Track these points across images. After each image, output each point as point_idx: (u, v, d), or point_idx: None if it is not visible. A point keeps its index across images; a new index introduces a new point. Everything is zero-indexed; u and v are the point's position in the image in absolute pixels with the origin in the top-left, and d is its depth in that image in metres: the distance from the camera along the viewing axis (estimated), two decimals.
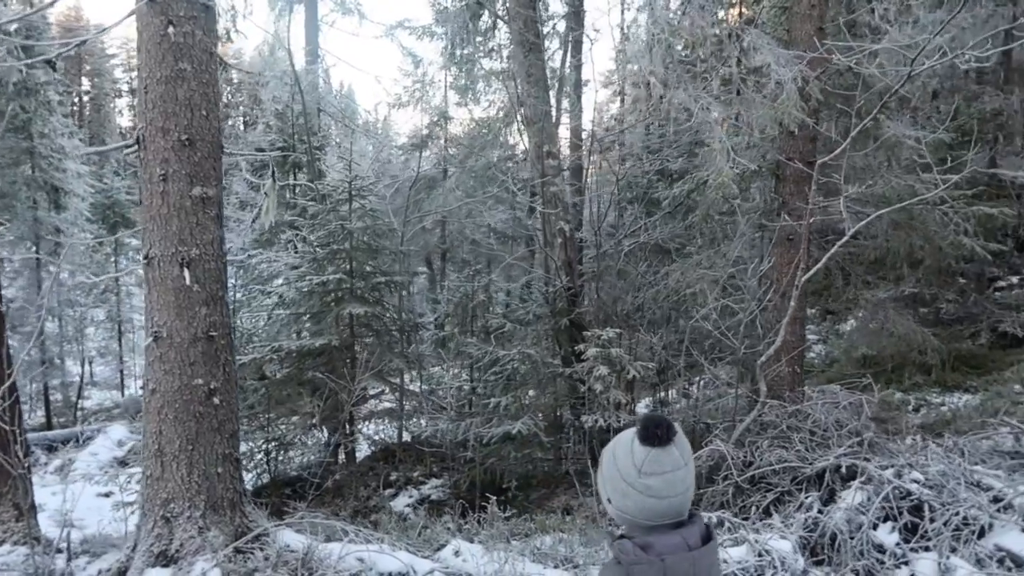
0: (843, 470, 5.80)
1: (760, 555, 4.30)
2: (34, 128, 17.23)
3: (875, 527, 5.01)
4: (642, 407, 11.67)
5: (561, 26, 13.09)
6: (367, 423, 11.24)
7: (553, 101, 11.00)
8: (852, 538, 4.80)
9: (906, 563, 4.72)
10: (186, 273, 4.73)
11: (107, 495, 9.31)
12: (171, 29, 4.75)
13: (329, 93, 21.80)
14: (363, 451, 11.29)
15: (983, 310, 11.78)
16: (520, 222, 14.99)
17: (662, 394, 11.62)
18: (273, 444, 9.84)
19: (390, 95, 17.43)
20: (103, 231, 20.52)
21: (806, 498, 5.58)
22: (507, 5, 10.06)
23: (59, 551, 5.77)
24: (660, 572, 1.72)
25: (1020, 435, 6.55)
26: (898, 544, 4.88)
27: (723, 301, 7.87)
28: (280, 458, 9.98)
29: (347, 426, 9.94)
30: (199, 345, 4.78)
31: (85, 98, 50.69)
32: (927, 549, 4.79)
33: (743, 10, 12.83)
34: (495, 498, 6.36)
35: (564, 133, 12.56)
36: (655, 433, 1.76)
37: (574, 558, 5.30)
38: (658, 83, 6.71)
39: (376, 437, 11.32)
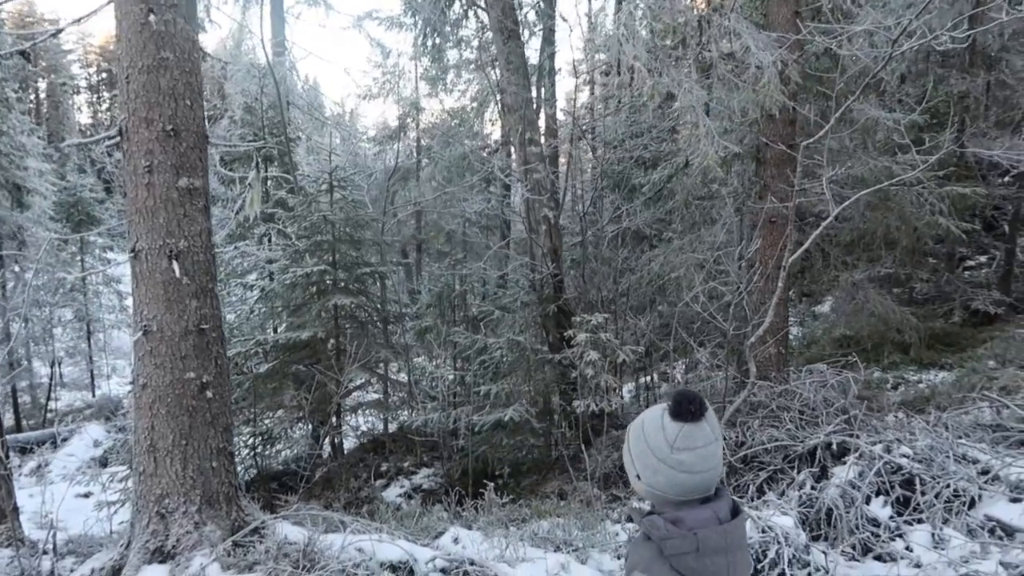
0: (833, 447, 5.90)
1: (764, 531, 4.34)
2: None
3: (868, 501, 5.09)
4: (626, 391, 11.75)
5: (531, 15, 13.07)
6: (354, 414, 11.18)
7: (534, 89, 10.97)
8: (847, 512, 4.87)
9: (900, 535, 4.80)
10: (175, 265, 4.62)
11: (87, 495, 9.14)
12: (152, 17, 4.62)
13: (296, 86, 21.54)
14: (351, 443, 11.23)
15: (955, 289, 12.02)
16: (495, 211, 14.95)
17: (646, 378, 11.70)
18: (259, 438, 9.72)
19: (359, 87, 17.32)
20: (67, 229, 20.09)
21: (799, 475, 5.66)
22: None
23: (44, 552, 5.65)
24: (693, 546, 1.71)
25: (1000, 408, 6.70)
26: (891, 517, 4.97)
27: (710, 284, 7.93)
28: (266, 452, 9.87)
29: (335, 418, 9.85)
30: (190, 338, 4.68)
31: (42, 95, 49.43)
32: (920, 521, 4.89)
33: None
34: (491, 485, 6.35)
35: (540, 121, 12.54)
36: (688, 408, 1.75)
37: (573, 541, 5.32)
38: (643, 68, 6.70)
39: (364, 428, 11.25)
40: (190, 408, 4.67)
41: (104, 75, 55.55)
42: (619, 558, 5.00)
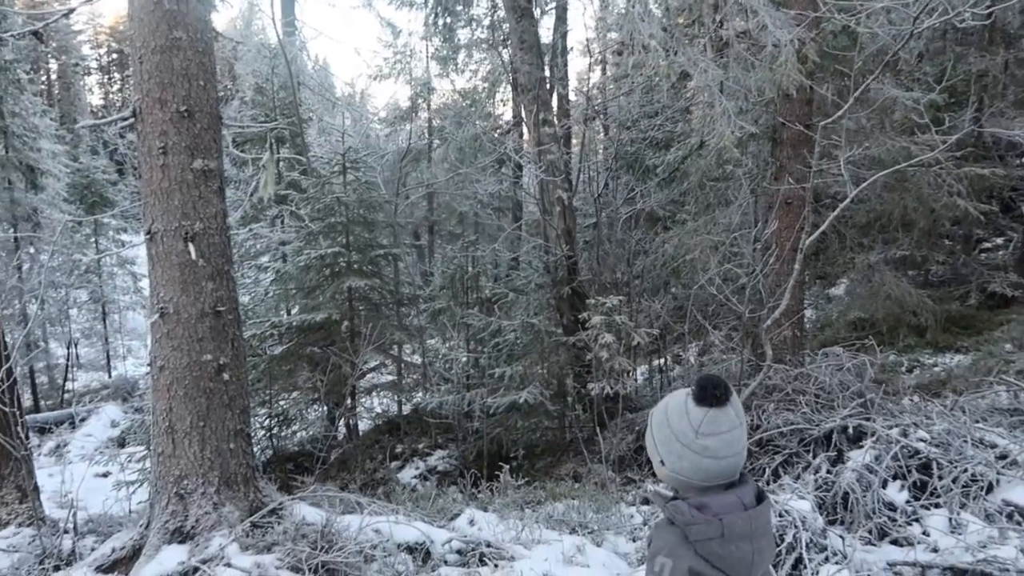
0: (849, 431, 5.87)
1: (780, 515, 4.33)
2: (5, 107, 16.81)
3: (885, 486, 5.07)
4: (640, 374, 11.75)
5: None
6: (369, 396, 11.24)
7: (547, 69, 10.88)
8: (864, 497, 4.85)
9: (917, 520, 4.79)
10: (191, 248, 4.63)
11: (105, 475, 9.22)
12: None
13: (307, 66, 21.42)
14: (365, 424, 11.29)
15: (972, 271, 11.92)
16: (508, 192, 14.89)
17: (660, 361, 11.68)
18: (275, 420, 9.80)
19: (370, 67, 17.14)
20: (81, 211, 20.17)
21: (815, 459, 5.64)
22: None
23: (65, 532, 5.73)
24: (718, 531, 1.70)
25: (1018, 392, 6.66)
26: (908, 502, 4.95)
27: (726, 266, 7.88)
28: (282, 434, 9.95)
29: (350, 400, 9.91)
30: (207, 320, 4.69)
31: (53, 76, 49.44)
32: (937, 506, 4.87)
33: None
34: (506, 467, 6.37)
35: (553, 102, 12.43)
36: (713, 393, 1.73)
37: (588, 523, 5.34)
38: (657, 47, 6.61)
39: (379, 410, 11.31)
40: (207, 390, 4.69)
41: (115, 56, 55.51)
42: (634, 540, 5.02)
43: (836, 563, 4.05)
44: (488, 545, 4.62)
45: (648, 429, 1.89)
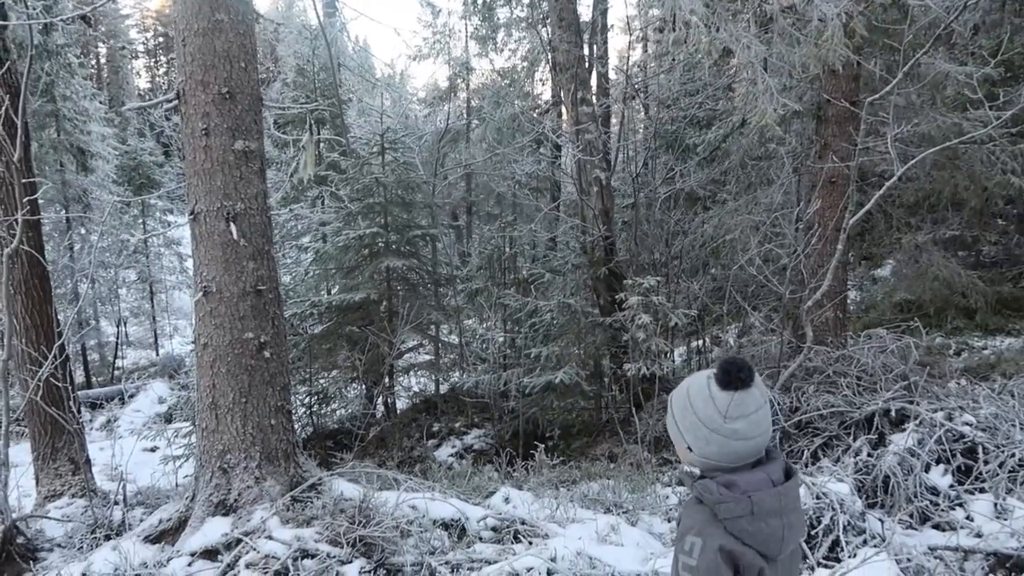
0: (892, 414, 5.76)
1: (818, 498, 4.29)
2: (56, 91, 17.22)
3: (927, 469, 4.97)
4: (677, 355, 11.67)
5: None
6: (406, 375, 11.38)
7: (586, 47, 10.76)
8: (905, 480, 4.77)
9: (961, 505, 4.69)
10: (232, 228, 4.70)
11: (153, 450, 9.52)
12: None
13: (347, 47, 21.55)
14: (403, 403, 11.45)
15: None
16: (546, 173, 14.82)
17: (698, 342, 11.57)
18: (315, 398, 9.97)
19: (409, 48, 17.12)
20: (129, 193, 20.66)
21: (855, 442, 5.55)
22: None
23: (116, 503, 5.93)
24: (748, 509, 1.69)
25: None
26: (952, 486, 4.85)
27: (766, 247, 7.75)
28: (322, 411, 10.13)
29: (388, 378, 10.05)
30: (248, 299, 4.77)
31: (102, 60, 50.49)
32: (982, 491, 4.76)
33: None
34: (541, 446, 6.40)
35: (592, 80, 12.29)
36: (739, 376, 1.71)
37: (623, 503, 5.35)
38: (699, 24, 6.48)
39: (416, 389, 11.44)
40: (249, 367, 4.78)
41: (160, 39, 56.51)
42: (669, 521, 5.01)
43: (875, 546, 3.99)
44: (523, 523, 4.65)
45: (670, 415, 1.87)
